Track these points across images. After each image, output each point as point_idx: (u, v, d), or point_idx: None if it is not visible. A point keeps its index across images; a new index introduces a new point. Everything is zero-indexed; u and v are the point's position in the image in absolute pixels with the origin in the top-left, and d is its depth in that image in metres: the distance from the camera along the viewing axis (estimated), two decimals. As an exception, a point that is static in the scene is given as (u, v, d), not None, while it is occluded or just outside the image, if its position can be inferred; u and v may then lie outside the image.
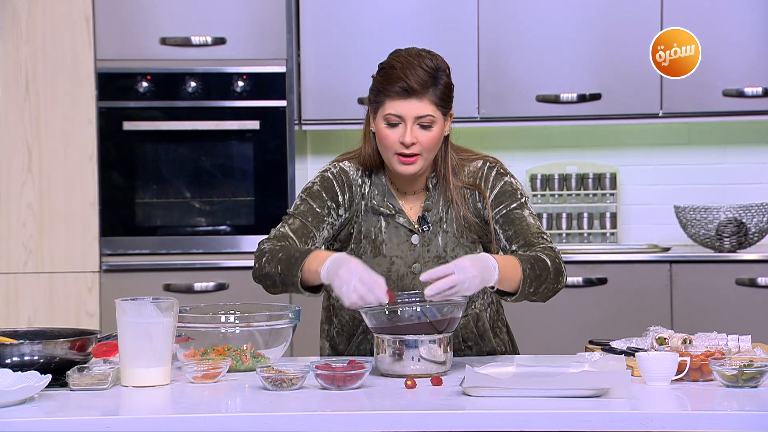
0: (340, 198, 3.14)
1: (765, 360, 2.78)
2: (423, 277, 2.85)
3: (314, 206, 3.12)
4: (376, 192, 3.16)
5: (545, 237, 3.09)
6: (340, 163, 3.19)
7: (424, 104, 3.03)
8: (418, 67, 3.02)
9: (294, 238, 3.08)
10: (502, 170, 3.17)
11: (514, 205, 3.13)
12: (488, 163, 3.18)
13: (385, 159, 3.10)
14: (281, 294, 3.08)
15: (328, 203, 3.13)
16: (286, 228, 3.10)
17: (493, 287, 2.94)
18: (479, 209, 3.15)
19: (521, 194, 3.15)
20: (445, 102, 3.06)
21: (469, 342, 3.21)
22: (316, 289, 2.99)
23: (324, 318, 3.31)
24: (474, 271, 2.84)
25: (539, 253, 3.02)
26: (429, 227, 3.15)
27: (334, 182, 3.15)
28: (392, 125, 3.05)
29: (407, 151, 3.04)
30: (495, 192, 3.14)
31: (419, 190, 3.18)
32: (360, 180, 3.17)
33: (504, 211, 3.12)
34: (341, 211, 3.15)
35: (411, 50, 3.08)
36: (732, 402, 2.60)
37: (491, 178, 3.15)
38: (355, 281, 2.82)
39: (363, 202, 3.16)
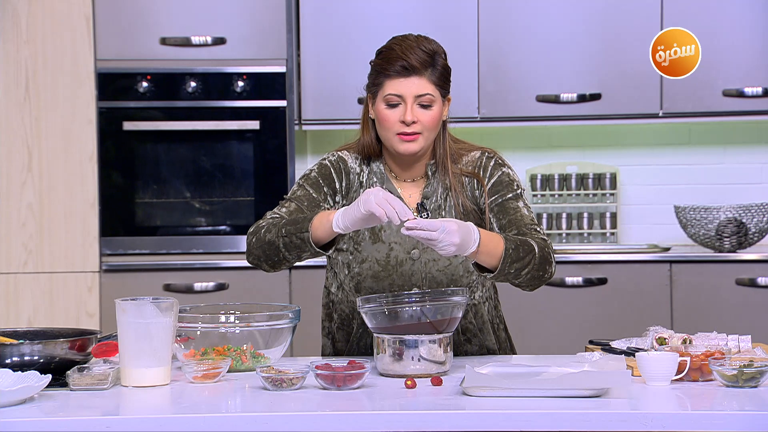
0: (337, 185, 3.17)
1: (765, 360, 2.78)
2: (409, 223, 2.85)
3: (311, 192, 3.15)
4: (375, 180, 3.19)
5: (538, 229, 3.10)
6: (339, 152, 3.22)
7: (423, 82, 3.06)
8: (417, 48, 3.07)
9: None
10: (500, 161, 3.20)
11: (510, 195, 3.15)
12: (486, 153, 3.21)
13: (386, 141, 3.13)
14: (277, 269, 3.07)
15: (325, 189, 3.16)
16: (283, 211, 3.12)
17: (473, 263, 2.97)
18: (477, 197, 3.18)
19: (518, 186, 3.17)
20: (443, 83, 3.10)
21: (468, 334, 3.22)
22: (326, 247, 2.99)
23: (324, 316, 3.31)
24: (456, 238, 2.85)
25: (529, 238, 3.03)
26: (428, 214, 3.16)
27: (332, 169, 3.18)
28: (392, 106, 3.08)
29: (408, 130, 3.07)
30: (492, 181, 3.16)
31: (418, 177, 3.20)
32: (358, 168, 3.20)
33: (499, 200, 3.14)
34: (338, 198, 3.18)
35: (408, 35, 3.14)
36: (732, 402, 2.60)
37: (489, 167, 3.18)
38: (383, 194, 2.84)
39: (361, 190, 3.17)
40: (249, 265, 3.13)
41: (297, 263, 3.10)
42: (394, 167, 3.20)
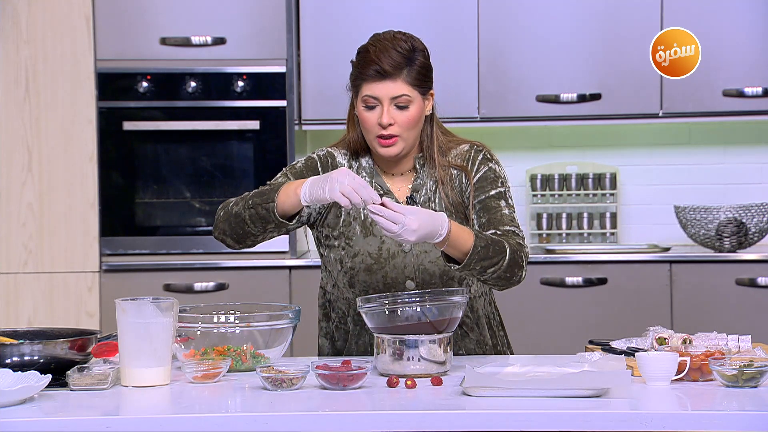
0: None
1: (765, 360, 2.78)
2: (371, 207, 2.84)
3: (293, 180, 3.11)
4: (365, 174, 3.20)
5: (517, 231, 3.09)
6: (328, 148, 3.24)
7: (398, 85, 3.07)
8: (392, 50, 3.07)
9: None
10: (488, 155, 3.21)
11: (493, 193, 3.15)
12: (475, 147, 3.23)
13: (368, 142, 3.16)
14: (242, 244, 3.08)
15: None
16: None
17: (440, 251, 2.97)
18: (464, 191, 3.18)
19: (502, 183, 3.17)
20: (421, 82, 3.10)
21: (465, 329, 3.22)
22: (291, 218, 2.99)
23: (321, 316, 3.31)
24: (415, 225, 2.83)
25: (505, 240, 3.02)
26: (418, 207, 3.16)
27: (318, 164, 3.20)
28: (370, 107, 3.10)
29: (386, 133, 3.08)
30: (478, 176, 3.17)
31: (406, 171, 3.21)
32: (347, 164, 3.21)
33: (482, 197, 3.14)
34: None
35: (387, 33, 3.14)
36: (732, 402, 2.60)
37: (477, 161, 3.19)
38: (349, 179, 2.84)
39: None
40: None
41: (263, 242, 3.12)
42: (382, 162, 3.21)
